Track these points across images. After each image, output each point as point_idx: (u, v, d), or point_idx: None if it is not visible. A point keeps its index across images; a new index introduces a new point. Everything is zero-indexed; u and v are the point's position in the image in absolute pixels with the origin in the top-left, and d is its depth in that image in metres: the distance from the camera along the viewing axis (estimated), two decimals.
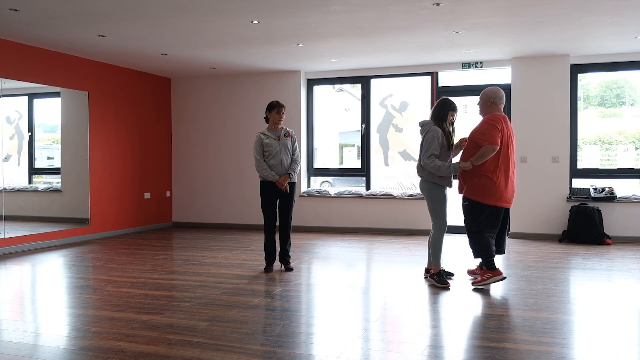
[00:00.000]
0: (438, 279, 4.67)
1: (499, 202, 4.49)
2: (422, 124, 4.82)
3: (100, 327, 3.53)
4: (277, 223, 5.39)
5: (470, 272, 5.06)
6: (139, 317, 3.76)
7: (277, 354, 3.03)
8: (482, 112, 4.74)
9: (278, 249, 5.43)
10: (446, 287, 4.59)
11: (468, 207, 4.63)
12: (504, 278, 4.61)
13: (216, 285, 4.70)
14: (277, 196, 5.34)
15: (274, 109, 5.34)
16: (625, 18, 5.54)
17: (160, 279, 5.02)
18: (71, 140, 7.55)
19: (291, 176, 5.32)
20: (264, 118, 5.44)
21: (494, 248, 4.60)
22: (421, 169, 4.74)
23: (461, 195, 4.74)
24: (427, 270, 4.96)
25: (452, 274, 4.99)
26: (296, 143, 5.46)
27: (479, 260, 4.84)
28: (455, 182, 4.80)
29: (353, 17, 5.48)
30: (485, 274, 4.62)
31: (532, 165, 7.45)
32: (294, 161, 5.37)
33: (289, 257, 5.40)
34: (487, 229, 4.55)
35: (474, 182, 4.53)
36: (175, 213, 9.24)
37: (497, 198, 4.48)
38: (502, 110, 4.66)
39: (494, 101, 4.63)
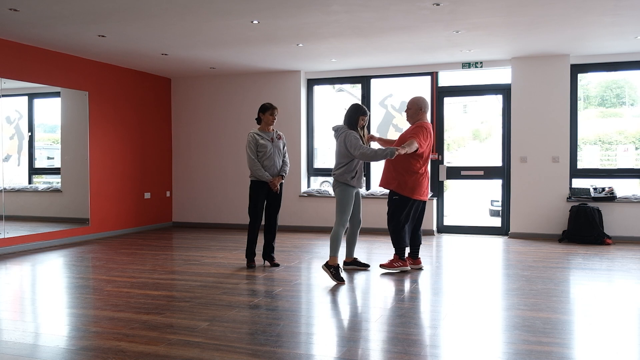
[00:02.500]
0: (335, 272, 4.86)
1: (422, 197, 5.17)
2: (337, 129, 5.04)
3: (100, 327, 3.53)
4: (263, 222, 5.60)
5: (383, 266, 5.37)
6: (139, 317, 3.76)
7: (277, 354, 3.03)
8: (411, 118, 5.25)
9: (259, 246, 5.66)
10: (341, 283, 4.80)
11: (397, 201, 5.15)
12: (409, 270, 5.28)
13: (216, 285, 4.70)
14: (267, 196, 5.50)
15: (268, 110, 5.44)
16: (625, 18, 5.54)
17: (160, 279, 5.02)
18: (71, 140, 7.55)
19: (283, 177, 5.52)
20: (256, 119, 5.54)
21: (407, 240, 5.24)
22: (337, 169, 4.96)
23: (385, 190, 5.37)
24: (345, 263, 5.34)
25: (367, 265, 5.40)
26: (286, 145, 5.68)
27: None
28: (373, 181, 5.13)
29: (353, 17, 5.48)
30: (397, 262, 5.22)
31: (532, 165, 7.45)
32: (285, 163, 5.59)
33: (274, 253, 5.63)
34: (406, 221, 5.17)
35: (405, 179, 5.09)
36: (175, 213, 9.24)
37: (421, 193, 5.16)
38: (428, 118, 5.31)
39: (424, 109, 5.22)
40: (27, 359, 3.01)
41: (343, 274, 5.00)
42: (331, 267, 4.89)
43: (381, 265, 5.30)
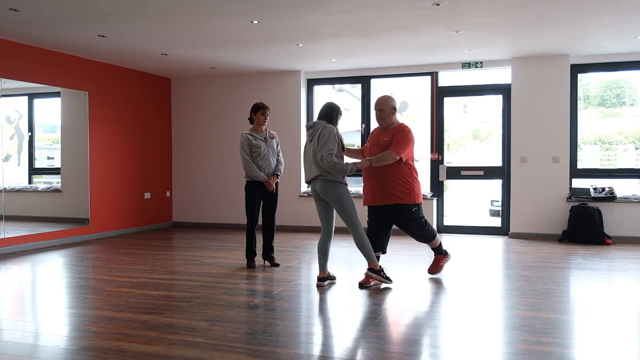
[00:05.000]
0: (383, 275, 4.57)
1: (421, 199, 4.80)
2: (312, 125, 4.60)
3: (100, 327, 3.53)
4: (260, 222, 5.60)
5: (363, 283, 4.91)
6: (139, 317, 3.76)
7: (277, 354, 3.03)
8: (386, 122, 4.71)
9: (259, 246, 5.65)
10: (390, 281, 4.59)
11: (417, 211, 4.72)
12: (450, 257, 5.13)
13: (216, 285, 4.70)
14: (263, 196, 5.50)
15: (260, 110, 5.45)
16: (625, 18, 5.54)
17: (160, 279, 5.02)
18: (71, 140, 7.55)
19: (278, 177, 5.51)
20: (249, 119, 5.54)
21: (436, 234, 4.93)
22: (323, 169, 4.46)
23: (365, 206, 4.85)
24: (320, 279, 4.67)
25: (334, 278, 4.81)
26: (279, 145, 5.64)
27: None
28: (358, 189, 4.73)
29: (353, 17, 5.48)
30: (442, 260, 5.01)
31: (532, 165, 7.45)
32: (279, 162, 5.58)
33: (274, 253, 5.60)
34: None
35: (414, 186, 4.65)
36: (175, 213, 9.24)
37: (420, 195, 4.77)
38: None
39: (396, 108, 4.76)
40: (27, 359, 3.01)
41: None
42: (377, 272, 4.55)
43: (431, 272, 4.99)
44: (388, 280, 4.61)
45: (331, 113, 4.64)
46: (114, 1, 4.97)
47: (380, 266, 4.61)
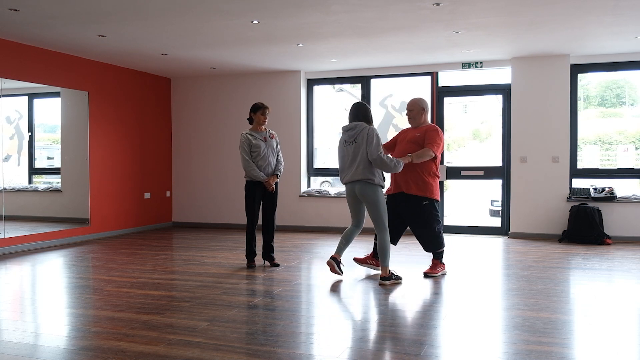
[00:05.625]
0: (394, 278, 4.77)
1: (439, 197, 5.04)
2: (353, 127, 4.71)
3: (100, 327, 3.53)
4: (260, 222, 5.61)
5: (360, 261, 5.29)
6: (139, 317, 3.76)
7: (277, 354, 3.03)
8: (415, 121, 5.10)
9: (259, 246, 5.66)
10: (400, 279, 4.81)
11: (429, 205, 4.95)
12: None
13: (216, 285, 4.70)
14: (262, 196, 5.49)
15: (260, 110, 5.45)
16: (625, 18, 5.54)
17: (160, 279, 5.02)
18: (71, 140, 7.55)
19: (278, 177, 5.52)
20: (248, 119, 5.55)
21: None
22: (370, 171, 4.63)
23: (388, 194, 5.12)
24: (333, 259, 4.90)
25: (341, 271, 5.00)
26: (279, 144, 5.64)
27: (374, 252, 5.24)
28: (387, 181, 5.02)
29: (353, 17, 5.48)
30: (439, 266, 5.10)
31: (532, 165, 7.45)
32: (279, 162, 5.57)
33: (274, 253, 5.60)
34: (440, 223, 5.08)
35: (429, 181, 4.92)
36: (175, 213, 9.24)
37: (438, 192, 5.03)
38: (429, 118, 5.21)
39: (426, 110, 5.12)
40: (27, 359, 3.01)
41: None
42: (390, 277, 4.73)
43: (427, 273, 5.04)
44: (399, 279, 4.81)
45: (368, 113, 4.83)
46: (114, 1, 4.97)
47: (390, 271, 4.78)
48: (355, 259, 5.31)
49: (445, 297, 4.41)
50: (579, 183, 7.46)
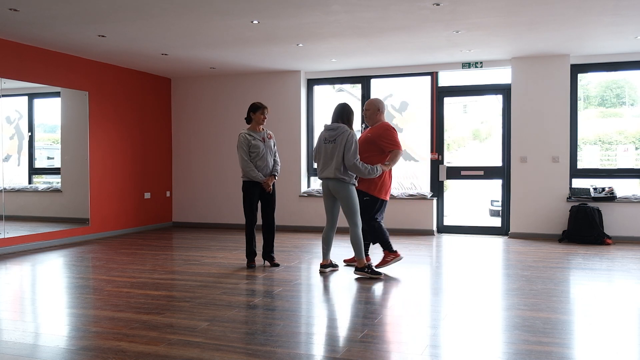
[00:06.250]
0: (370, 271, 4.96)
1: (387, 197, 5.25)
2: (335, 127, 4.92)
3: (100, 327, 3.53)
4: (260, 222, 5.64)
5: (347, 262, 5.55)
6: (139, 317, 3.76)
7: (277, 354, 3.03)
8: (371, 120, 5.33)
9: (259, 247, 5.68)
10: (380, 277, 4.94)
11: (368, 201, 5.17)
12: (402, 257, 5.34)
13: (216, 285, 4.70)
14: (260, 196, 5.50)
15: (259, 110, 5.45)
16: (625, 18, 5.54)
17: (160, 279, 5.02)
18: (71, 140, 7.55)
19: (276, 177, 5.54)
20: (246, 119, 5.55)
21: (387, 232, 5.29)
22: (342, 171, 4.86)
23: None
24: (322, 266, 5.18)
25: (336, 266, 5.33)
26: (276, 144, 5.69)
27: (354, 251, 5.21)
28: None
29: (353, 17, 5.48)
30: (388, 256, 5.25)
31: (532, 165, 7.45)
32: (276, 162, 5.61)
33: (274, 253, 5.62)
34: (379, 217, 5.25)
35: (375, 180, 5.13)
36: (175, 213, 9.24)
37: (386, 193, 5.24)
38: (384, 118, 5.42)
39: (382, 110, 5.34)
40: (27, 359, 3.01)
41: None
42: (364, 269, 4.96)
43: (377, 266, 5.21)
44: (376, 274, 4.96)
45: (351, 116, 5.02)
46: (114, 1, 4.97)
47: (367, 263, 5.01)
48: (345, 261, 5.55)
49: (445, 297, 4.41)
50: (579, 183, 7.46)
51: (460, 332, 3.45)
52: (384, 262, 5.25)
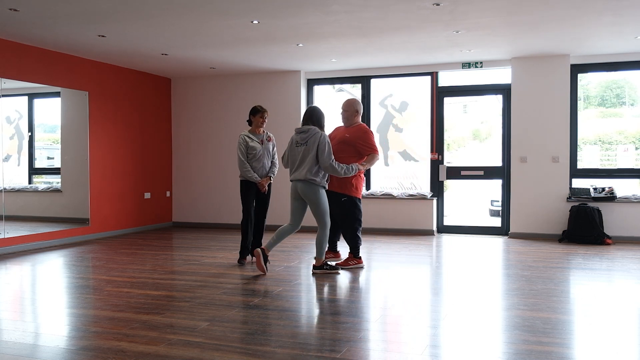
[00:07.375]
0: (327, 267, 5.13)
1: (360, 195, 5.41)
2: (306, 130, 4.99)
3: (100, 327, 3.53)
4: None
5: (341, 265, 5.49)
6: (139, 317, 3.76)
7: (277, 354, 3.03)
8: (348, 121, 5.44)
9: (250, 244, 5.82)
10: (337, 272, 5.12)
11: (348, 202, 5.30)
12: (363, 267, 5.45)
13: (216, 285, 4.70)
14: (255, 195, 5.69)
15: (258, 113, 5.66)
16: (625, 18, 5.54)
17: (160, 279, 5.02)
18: (71, 140, 7.55)
19: (271, 178, 5.71)
20: (247, 121, 5.73)
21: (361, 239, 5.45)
22: (313, 173, 4.92)
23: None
24: (263, 252, 5.15)
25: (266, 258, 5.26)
26: (275, 147, 5.82)
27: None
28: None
29: (353, 17, 5.48)
30: (352, 260, 5.40)
31: (532, 165, 7.45)
32: (274, 164, 5.78)
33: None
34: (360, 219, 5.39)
35: (351, 180, 5.25)
36: (175, 213, 9.24)
37: (360, 191, 5.39)
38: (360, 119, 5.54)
39: (359, 111, 5.46)
40: (27, 359, 3.01)
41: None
42: (322, 266, 5.11)
43: (339, 264, 5.38)
44: (333, 268, 5.14)
45: (321, 119, 5.09)
46: (114, 1, 4.97)
47: (323, 262, 5.14)
48: (338, 264, 5.53)
49: (445, 297, 4.41)
50: (579, 183, 7.46)
51: (460, 332, 3.45)
52: (346, 264, 5.40)
